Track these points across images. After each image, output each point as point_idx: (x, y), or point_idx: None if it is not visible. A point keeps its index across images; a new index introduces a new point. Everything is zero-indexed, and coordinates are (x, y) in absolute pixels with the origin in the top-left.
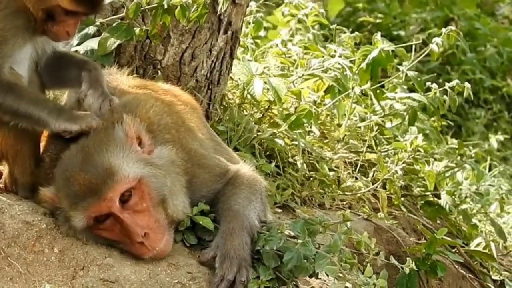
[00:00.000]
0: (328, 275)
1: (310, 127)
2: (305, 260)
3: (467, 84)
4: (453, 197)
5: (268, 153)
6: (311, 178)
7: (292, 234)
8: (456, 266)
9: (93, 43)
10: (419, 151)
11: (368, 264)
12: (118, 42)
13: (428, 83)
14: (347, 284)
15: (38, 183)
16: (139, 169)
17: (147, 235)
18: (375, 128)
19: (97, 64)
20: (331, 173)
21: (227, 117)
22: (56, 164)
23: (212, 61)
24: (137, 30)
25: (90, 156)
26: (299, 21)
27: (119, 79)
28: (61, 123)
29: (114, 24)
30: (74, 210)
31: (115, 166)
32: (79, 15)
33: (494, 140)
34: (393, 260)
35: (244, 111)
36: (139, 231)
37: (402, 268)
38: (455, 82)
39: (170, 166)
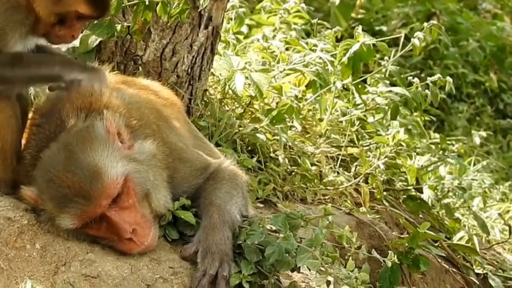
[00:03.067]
0: (310, 269)
1: (292, 122)
2: (287, 254)
3: (449, 79)
4: (436, 191)
5: (249, 148)
6: (293, 173)
7: (274, 228)
8: (439, 260)
9: (74, 41)
10: (401, 145)
11: (350, 258)
12: (100, 39)
13: (410, 78)
14: (329, 278)
15: (19, 181)
16: (124, 167)
17: (135, 231)
18: (357, 123)
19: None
20: (313, 168)
21: (209, 113)
22: (36, 162)
23: (193, 57)
24: (118, 26)
25: (74, 155)
26: (282, 18)
27: None
28: (77, 74)
29: (95, 21)
30: (61, 213)
31: (103, 167)
32: (89, 19)
33: (477, 136)
34: (375, 254)
35: (226, 106)
36: (127, 227)
37: (384, 261)
38: (437, 76)
39: (152, 160)
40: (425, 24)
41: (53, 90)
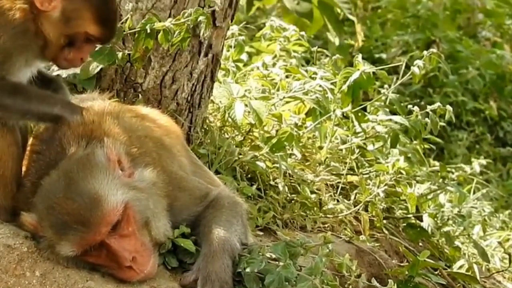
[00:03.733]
0: None
1: (292, 149)
2: (287, 283)
3: (449, 107)
4: (436, 219)
5: (249, 176)
6: (293, 201)
7: (274, 256)
8: None
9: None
10: (401, 173)
11: (350, 287)
12: (101, 66)
13: (409, 106)
14: None
15: (18, 208)
16: (125, 195)
17: (135, 259)
18: (357, 151)
19: (63, 84)
20: (313, 196)
21: (208, 140)
22: (36, 189)
23: (193, 84)
24: (119, 54)
25: (75, 183)
26: (281, 45)
27: (100, 103)
28: (78, 116)
29: (96, 48)
30: (61, 240)
31: (103, 195)
32: (97, 41)
33: (477, 164)
34: (375, 283)
35: (225, 134)
36: (127, 255)
37: None
38: (436, 105)
39: (152, 189)
40: (425, 52)
41: None
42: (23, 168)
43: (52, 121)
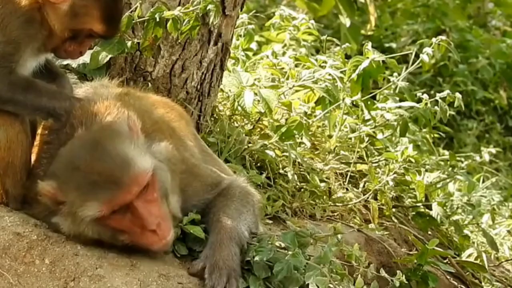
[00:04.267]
0: (318, 287)
1: (301, 138)
2: (296, 271)
3: (458, 95)
4: (445, 208)
5: (258, 164)
6: (302, 190)
7: (283, 245)
8: (448, 277)
9: (85, 57)
10: (410, 161)
11: (359, 275)
12: (110, 55)
13: (419, 94)
14: None
15: (29, 197)
16: (151, 160)
17: (159, 224)
18: (366, 139)
19: (67, 76)
20: (322, 184)
21: (218, 129)
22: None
23: (203, 73)
24: (128, 43)
25: (101, 146)
26: (291, 34)
27: (112, 89)
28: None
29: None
30: (87, 201)
31: (133, 157)
32: (99, 37)
33: (486, 153)
34: (383, 273)
35: (235, 122)
36: (153, 219)
37: (392, 281)
38: (446, 92)
39: (168, 163)
40: (434, 39)
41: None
42: (33, 158)
43: (61, 116)
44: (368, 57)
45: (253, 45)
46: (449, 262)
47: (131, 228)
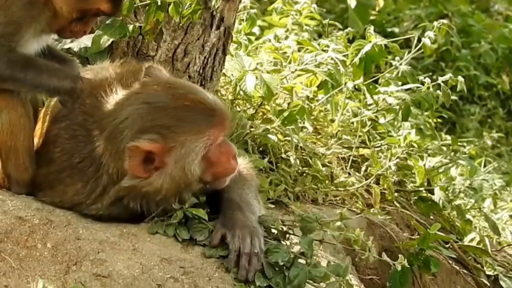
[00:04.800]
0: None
1: (303, 122)
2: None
3: (460, 78)
4: (447, 192)
5: (261, 149)
6: (304, 174)
7: (284, 229)
8: (450, 262)
9: (86, 41)
10: (412, 146)
11: (362, 260)
12: (112, 39)
13: (421, 78)
14: None
15: (37, 185)
16: None
17: None
18: (369, 123)
19: (75, 60)
20: (324, 169)
21: None
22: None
23: (205, 57)
24: (130, 27)
25: (180, 83)
26: (293, 19)
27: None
28: None
29: (107, 21)
30: (199, 134)
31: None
32: (103, 15)
33: (489, 137)
34: (385, 257)
35: (237, 107)
36: (233, 146)
37: (394, 264)
38: (448, 76)
39: None
40: (435, 23)
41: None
42: (36, 142)
43: (63, 94)
44: (370, 41)
45: (256, 30)
46: (451, 246)
47: (220, 158)
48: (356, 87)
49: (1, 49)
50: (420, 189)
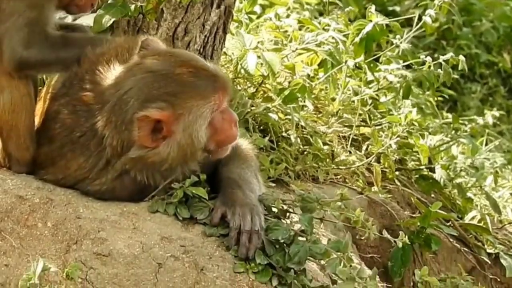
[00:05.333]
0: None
1: (304, 101)
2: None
3: (461, 57)
4: (448, 171)
5: (261, 127)
6: (305, 153)
7: (285, 207)
8: (451, 240)
9: (88, 20)
10: (413, 124)
11: (362, 238)
12: (114, 19)
13: (422, 57)
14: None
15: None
16: None
17: None
18: (369, 102)
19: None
20: (325, 147)
21: None
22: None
23: (205, 36)
24: (132, 6)
25: (181, 53)
26: None
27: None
28: None
29: (109, 1)
30: (205, 99)
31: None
32: None
33: (490, 116)
34: (386, 235)
35: (238, 85)
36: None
37: (395, 242)
38: (449, 55)
39: None
40: (436, 1)
41: None
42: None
43: None
44: (371, 21)
45: (257, 8)
46: (452, 225)
47: (223, 125)
48: (357, 65)
49: (39, 37)
50: (421, 167)
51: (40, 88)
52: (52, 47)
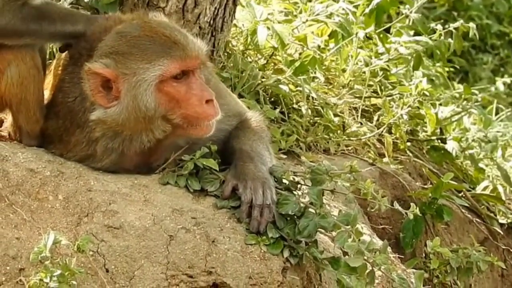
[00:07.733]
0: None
1: (315, 72)
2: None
3: (472, 25)
4: (460, 142)
5: (272, 99)
6: (316, 124)
7: (296, 179)
8: (463, 211)
9: None
10: (424, 95)
11: (373, 210)
12: None
13: (433, 25)
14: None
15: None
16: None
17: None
18: (380, 73)
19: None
20: (336, 119)
21: (231, 64)
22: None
23: (215, 8)
24: None
25: (159, 23)
26: None
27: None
28: None
29: None
30: (155, 60)
31: (190, 35)
32: None
33: (501, 83)
34: (397, 206)
35: (248, 57)
36: (210, 91)
37: (406, 213)
38: (459, 23)
39: None
40: None
41: (63, 52)
42: (47, 94)
43: (77, 37)
44: None
45: None
46: (464, 195)
47: (188, 99)
48: (368, 36)
49: (14, 5)
50: (433, 138)
51: (50, 61)
52: (24, 19)
